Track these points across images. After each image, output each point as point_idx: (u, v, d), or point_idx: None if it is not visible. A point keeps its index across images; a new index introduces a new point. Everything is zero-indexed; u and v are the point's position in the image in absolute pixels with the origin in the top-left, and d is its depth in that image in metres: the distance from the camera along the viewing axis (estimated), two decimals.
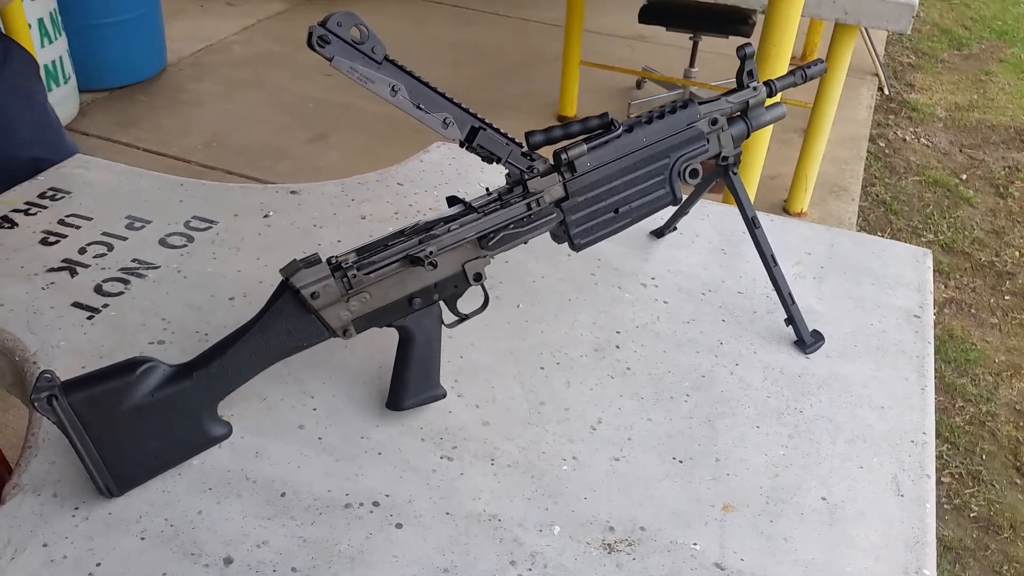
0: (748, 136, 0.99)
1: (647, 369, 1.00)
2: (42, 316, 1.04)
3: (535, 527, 0.81)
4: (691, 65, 3.67)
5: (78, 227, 1.21)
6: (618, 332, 1.06)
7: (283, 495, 0.83)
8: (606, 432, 0.91)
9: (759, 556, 0.79)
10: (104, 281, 1.11)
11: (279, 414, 0.91)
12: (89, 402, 0.77)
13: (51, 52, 3.29)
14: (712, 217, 1.29)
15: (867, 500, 0.85)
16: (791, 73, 1.00)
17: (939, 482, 2.16)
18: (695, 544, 0.80)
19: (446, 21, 4.58)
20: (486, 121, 0.85)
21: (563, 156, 0.89)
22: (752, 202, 1.03)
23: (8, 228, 1.21)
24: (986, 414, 2.33)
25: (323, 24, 0.75)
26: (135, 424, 0.79)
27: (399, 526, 0.80)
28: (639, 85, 3.96)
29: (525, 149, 0.88)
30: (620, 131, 0.91)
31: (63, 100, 3.47)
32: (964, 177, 3.46)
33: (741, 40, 1.09)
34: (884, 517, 0.84)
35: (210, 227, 1.23)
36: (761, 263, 1.03)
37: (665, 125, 0.93)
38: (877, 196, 3.30)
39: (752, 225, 1.02)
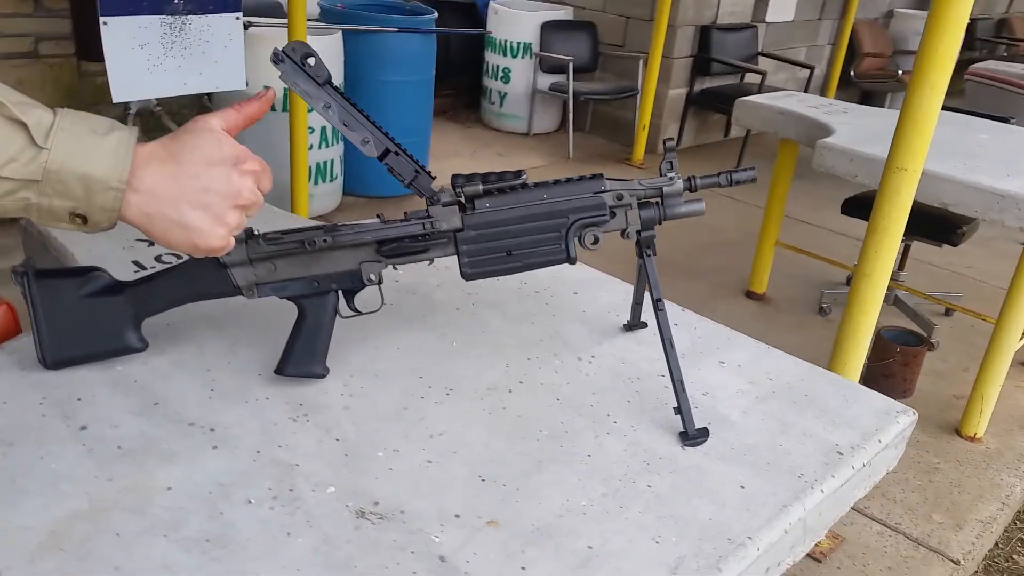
0: (660, 222, 1.05)
1: (520, 414, 1.05)
2: (107, 263, 1.33)
3: (315, 484, 0.89)
4: (900, 268, 3.50)
5: None
6: (520, 383, 1.12)
7: (156, 404, 1.00)
8: (439, 442, 0.98)
9: (487, 566, 0.81)
10: (166, 254, 1.40)
11: (200, 357, 1.10)
12: (47, 287, 1.02)
13: (325, 154, 4.01)
14: (692, 328, 1.31)
15: (635, 565, 0.83)
16: (716, 174, 1.06)
17: None
18: (436, 537, 0.84)
19: None
20: (402, 148, 1.01)
21: (461, 192, 1.02)
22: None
23: None
24: None
25: (281, 49, 0.99)
26: (74, 315, 1.03)
27: (215, 447, 0.93)
28: (849, 281, 3.82)
29: (436, 180, 1.03)
30: (520, 183, 1.02)
31: (327, 194, 4.16)
32: None
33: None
34: None
35: None
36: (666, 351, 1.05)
37: (568, 189, 1.03)
38: None
39: (656, 307, 1.05)
